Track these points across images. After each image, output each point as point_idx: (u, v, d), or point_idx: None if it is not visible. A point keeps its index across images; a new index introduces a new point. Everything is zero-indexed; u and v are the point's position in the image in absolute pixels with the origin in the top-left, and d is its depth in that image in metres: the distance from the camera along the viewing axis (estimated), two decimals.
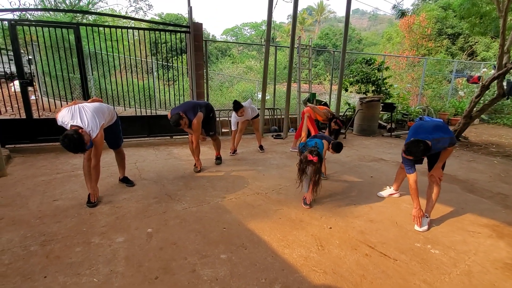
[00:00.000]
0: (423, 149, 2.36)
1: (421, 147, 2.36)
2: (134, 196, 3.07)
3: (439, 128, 2.52)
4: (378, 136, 6.92)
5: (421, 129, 2.57)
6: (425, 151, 2.38)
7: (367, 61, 7.98)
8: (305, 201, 2.94)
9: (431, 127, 2.54)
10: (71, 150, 2.47)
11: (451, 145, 2.51)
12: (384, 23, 48.89)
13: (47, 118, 5.11)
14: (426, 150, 2.38)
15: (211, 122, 4.09)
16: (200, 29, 5.59)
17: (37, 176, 3.58)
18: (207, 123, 3.97)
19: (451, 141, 2.49)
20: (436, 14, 16.52)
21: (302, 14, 36.49)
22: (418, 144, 2.37)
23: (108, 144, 3.18)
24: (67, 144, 2.40)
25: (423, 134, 2.49)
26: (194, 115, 3.65)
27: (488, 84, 5.58)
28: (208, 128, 4.09)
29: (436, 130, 2.50)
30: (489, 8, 6.63)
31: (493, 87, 6.85)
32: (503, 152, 5.49)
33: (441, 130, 2.50)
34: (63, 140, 2.39)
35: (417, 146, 2.37)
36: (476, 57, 15.66)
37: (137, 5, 17.93)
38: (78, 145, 2.44)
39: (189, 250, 2.14)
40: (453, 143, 2.51)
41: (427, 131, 2.51)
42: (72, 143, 2.40)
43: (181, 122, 3.57)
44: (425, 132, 2.51)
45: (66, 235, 2.29)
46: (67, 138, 2.39)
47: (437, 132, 2.48)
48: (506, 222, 2.71)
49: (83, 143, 2.46)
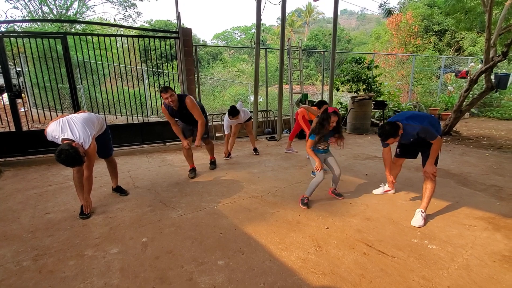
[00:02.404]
0: (388, 130, 2.55)
1: (386, 128, 2.56)
2: (128, 206, 3.02)
3: (415, 116, 2.64)
4: (371, 134, 6.96)
5: (399, 115, 2.75)
6: (391, 132, 2.54)
7: (356, 60, 8.05)
8: (303, 200, 2.93)
9: (409, 114, 2.68)
10: (69, 165, 2.45)
11: (431, 138, 2.55)
12: (372, 22, 49.59)
13: (37, 130, 5.03)
14: (392, 132, 2.54)
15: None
16: (190, 34, 5.58)
17: (28, 189, 3.51)
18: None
19: (422, 131, 2.51)
20: (422, 12, 16.80)
21: (291, 16, 36.80)
22: (383, 126, 2.61)
23: (98, 154, 3.13)
24: (64, 159, 2.38)
25: (397, 117, 2.69)
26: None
27: (476, 78, 5.67)
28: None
29: (412, 117, 2.62)
30: (474, 3, 6.76)
31: (481, 81, 6.96)
32: (494, 145, 5.56)
33: (417, 119, 2.60)
34: (59, 156, 2.36)
35: (382, 128, 2.61)
36: (463, 52, 15.94)
37: (126, 12, 17.88)
38: (75, 159, 2.42)
39: (185, 258, 2.10)
40: (430, 136, 2.53)
41: (402, 115, 2.68)
42: (69, 158, 2.38)
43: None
44: (400, 116, 2.68)
45: (59, 249, 2.24)
46: (63, 154, 2.37)
47: (412, 119, 2.59)
48: (502, 214, 2.74)
49: (80, 156, 2.45)
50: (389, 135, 2.57)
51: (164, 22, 25.64)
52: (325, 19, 48.25)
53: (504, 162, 4.43)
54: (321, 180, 2.89)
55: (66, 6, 15.66)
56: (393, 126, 2.54)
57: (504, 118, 8.83)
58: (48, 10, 15.17)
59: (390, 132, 2.55)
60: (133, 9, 18.01)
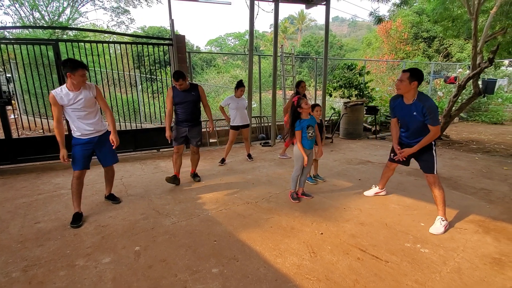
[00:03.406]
0: (417, 71, 2.55)
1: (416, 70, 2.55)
2: (120, 214, 2.98)
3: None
4: (363, 138, 7.04)
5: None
6: (419, 74, 2.56)
7: (348, 66, 8.18)
8: (293, 196, 3.18)
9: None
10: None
11: (433, 122, 2.56)
12: (363, 29, 50.51)
13: (27, 137, 4.95)
14: (419, 74, 2.55)
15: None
16: (183, 41, 5.60)
17: (18, 198, 3.43)
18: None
19: (432, 108, 2.53)
20: (411, 19, 17.25)
21: (284, 23, 37.23)
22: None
23: (102, 162, 3.05)
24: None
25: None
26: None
27: (464, 83, 5.81)
28: (195, 136, 3.83)
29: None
30: (460, 11, 6.96)
31: (469, 87, 7.13)
32: (483, 148, 5.69)
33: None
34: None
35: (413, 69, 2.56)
36: (451, 59, 16.36)
37: (119, 19, 17.85)
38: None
39: (179, 266, 2.08)
40: (434, 119, 2.55)
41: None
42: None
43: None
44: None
45: (50, 259, 2.19)
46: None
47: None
48: (491, 217, 2.79)
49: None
50: (419, 73, 2.55)
51: (157, 29, 25.66)
52: (317, 25, 48.98)
53: (493, 165, 4.53)
54: (300, 173, 3.17)
55: (58, 12, 15.55)
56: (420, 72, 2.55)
57: (492, 122, 9.05)
58: (39, 16, 15.05)
59: (419, 73, 2.54)
60: (126, 16, 18.00)
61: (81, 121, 2.78)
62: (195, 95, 3.68)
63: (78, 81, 2.65)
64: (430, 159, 2.66)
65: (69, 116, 2.77)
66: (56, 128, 2.71)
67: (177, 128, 3.77)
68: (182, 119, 3.72)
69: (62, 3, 15.50)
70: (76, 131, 2.81)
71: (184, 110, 3.67)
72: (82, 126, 2.79)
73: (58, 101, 2.65)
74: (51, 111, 2.71)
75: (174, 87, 3.61)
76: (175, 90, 3.62)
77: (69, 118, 2.78)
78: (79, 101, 2.71)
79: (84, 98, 2.73)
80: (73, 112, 2.74)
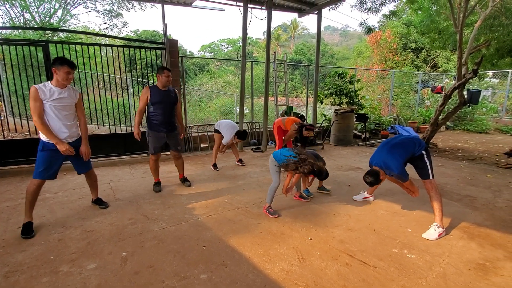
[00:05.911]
0: (372, 181, 2.71)
1: (369, 180, 2.71)
2: (107, 218, 2.92)
3: (397, 147, 2.73)
4: (354, 145, 7.14)
5: (378, 152, 2.83)
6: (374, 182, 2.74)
7: (339, 74, 8.33)
8: (269, 210, 3.00)
9: (389, 146, 2.79)
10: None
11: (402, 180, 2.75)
12: (355, 38, 51.60)
13: (13, 140, 4.83)
14: (374, 181, 2.72)
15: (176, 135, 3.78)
16: (176, 45, 5.61)
17: (1, 202, 3.33)
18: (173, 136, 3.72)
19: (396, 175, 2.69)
20: (400, 30, 17.75)
21: (277, 30, 37.72)
22: (366, 179, 2.74)
23: (77, 169, 2.99)
24: None
25: (378, 152, 2.81)
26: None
27: (450, 93, 5.99)
28: (175, 142, 3.74)
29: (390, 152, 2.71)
30: (447, 24, 7.21)
31: (455, 96, 7.35)
32: (468, 156, 5.84)
33: (396, 153, 2.68)
34: None
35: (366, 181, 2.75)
36: (438, 69, 16.86)
37: (112, 22, 17.72)
38: None
39: (167, 273, 2.05)
40: (400, 179, 2.73)
41: (384, 147, 2.80)
42: None
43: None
44: (383, 149, 2.80)
45: (32, 265, 2.13)
46: None
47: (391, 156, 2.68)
48: (476, 223, 2.86)
49: None
50: (374, 183, 2.78)
51: (150, 33, 25.61)
52: (310, 34, 49.83)
53: (477, 173, 4.66)
54: (278, 185, 3.03)
55: (49, 14, 15.35)
56: (373, 175, 2.69)
57: (477, 131, 9.32)
58: (30, 17, 14.82)
59: (374, 182, 2.74)
60: (119, 19, 17.87)
61: (59, 121, 2.66)
62: (174, 97, 3.61)
63: (62, 77, 2.62)
64: (424, 166, 2.71)
65: (46, 115, 2.62)
66: (41, 124, 2.55)
67: (153, 135, 3.54)
68: (159, 122, 3.49)
69: (53, 5, 15.30)
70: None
71: (162, 112, 3.47)
72: (59, 126, 2.66)
73: (40, 94, 2.55)
74: (30, 109, 2.55)
75: (152, 86, 3.51)
76: (153, 89, 3.47)
77: (46, 117, 2.62)
78: (62, 98, 2.66)
79: (69, 97, 2.71)
80: (53, 109, 2.62)
